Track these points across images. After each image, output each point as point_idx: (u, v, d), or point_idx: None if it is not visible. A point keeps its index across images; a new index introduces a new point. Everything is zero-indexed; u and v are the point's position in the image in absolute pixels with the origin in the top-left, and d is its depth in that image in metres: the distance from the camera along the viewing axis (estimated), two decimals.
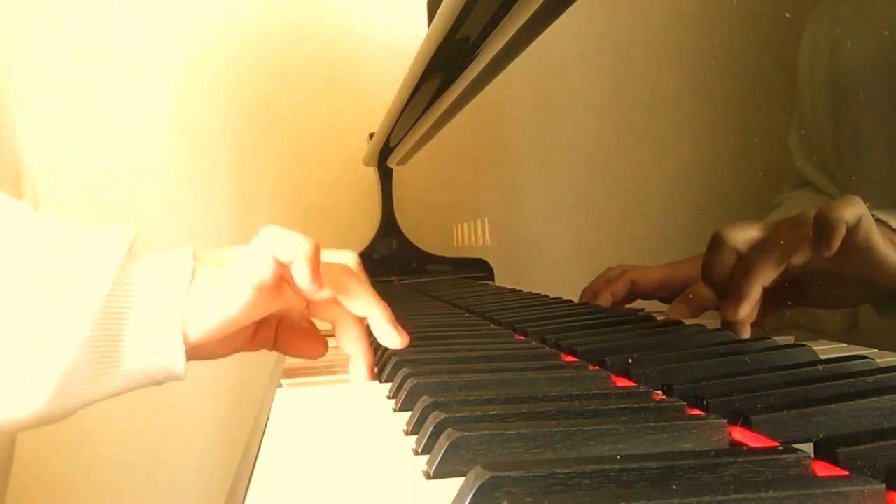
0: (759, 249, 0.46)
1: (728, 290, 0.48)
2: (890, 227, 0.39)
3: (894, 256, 0.39)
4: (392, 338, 0.54)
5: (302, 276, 0.49)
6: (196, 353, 0.50)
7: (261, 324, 0.56)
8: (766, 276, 0.45)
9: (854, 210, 0.39)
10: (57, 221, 0.48)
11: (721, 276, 0.49)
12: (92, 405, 0.48)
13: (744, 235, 0.47)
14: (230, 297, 0.49)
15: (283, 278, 0.51)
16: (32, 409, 0.45)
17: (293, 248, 0.49)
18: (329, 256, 0.56)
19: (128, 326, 0.47)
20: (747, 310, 0.46)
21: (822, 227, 0.40)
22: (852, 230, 0.39)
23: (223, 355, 0.55)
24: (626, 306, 0.70)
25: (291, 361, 0.67)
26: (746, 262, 0.46)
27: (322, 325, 0.60)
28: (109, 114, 1.67)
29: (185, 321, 0.48)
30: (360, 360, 0.55)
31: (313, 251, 0.49)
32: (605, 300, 0.71)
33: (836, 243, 0.40)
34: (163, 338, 0.48)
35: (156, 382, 0.50)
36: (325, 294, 0.52)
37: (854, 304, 0.43)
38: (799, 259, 0.43)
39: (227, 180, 1.72)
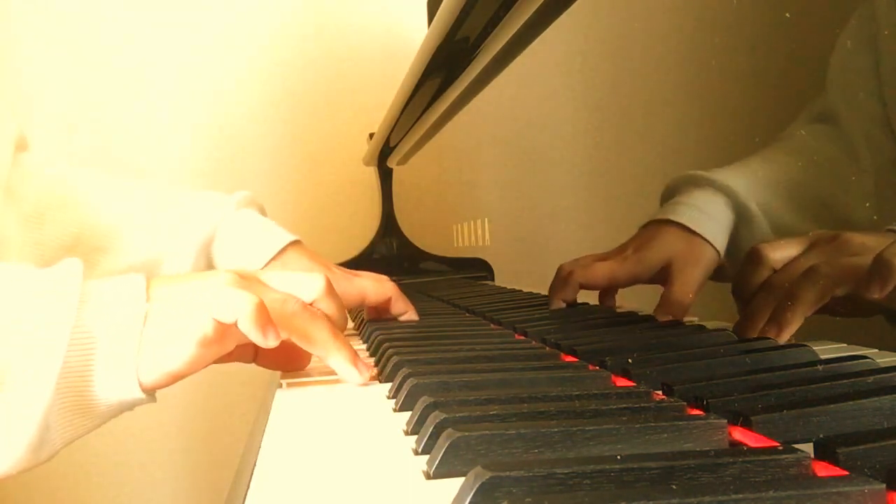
0: (808, 277, 0.44)
1: (770, 312, 0.47)
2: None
3: None
4: (353, 376, 0.52)
5: (253, 335, 0.48)
6: (158, 387, 0.51)
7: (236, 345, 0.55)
8: (812, 306, 0.44)
9: None
10: (4, 275, 0.48)
11: (753, 291, 0.48)
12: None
13: (782, 254, 0.46)
14: (174, 353, 0.49)
15: (227, 327, 0.50)
16: (10, 463, 0.46)
17: (233, 309, 0.48)
18: (295, 281, 0.55)
19: (87, 378, 0.48)
20: (788, 335, 0.46)
21: (883, 271, 0.39)
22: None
23: (196, 371, 0.54)
24: (623, 305, 0.70)
25: None
26: (795, 287, 0.45)
27: None
28: (108, 113, 1.67)
29: (138, 368, 0.48)
30: (339, 359, 0.53)
31: (255, 309, 0.48)
32: (557, 306, 0.72)
33: (891, 287, 0.39)
34: (122, 382, 0.48)
35: (128, 410, 0.51)
36: (275, 343, 0.51)
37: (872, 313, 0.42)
38: (845, 290, 0.43)
39: (227, 180, 1.72)
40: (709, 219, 0.54)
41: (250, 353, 0.57)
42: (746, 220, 0.49)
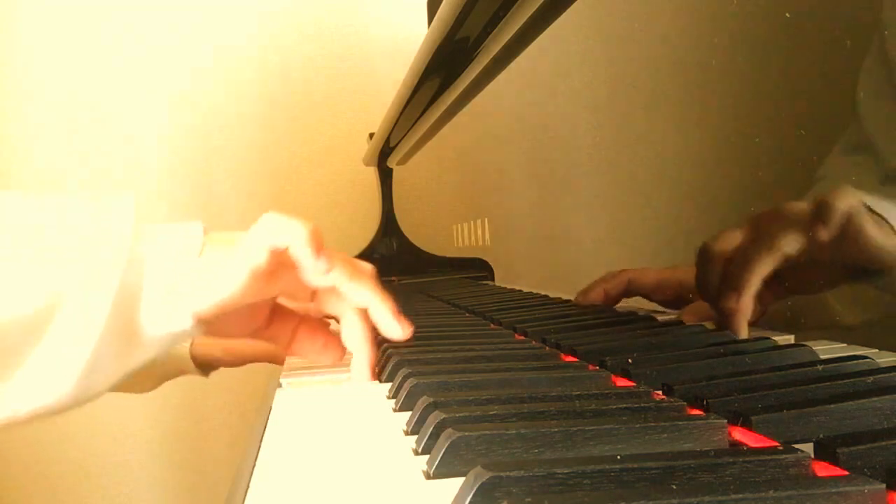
0: (749, 247, 0.46)
1: (724, 290, 0.48)
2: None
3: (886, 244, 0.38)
4: (393, 328, 0.54)
5: (304, 257, 0.50)
6: (210, 328, 0.52)
7: (277, 316, 0.58)
8: (761, 268, 0.45)
9: (846, 201, 0.39)
10: (59, 203, 0.50)
11: (714, 285, 0.49)
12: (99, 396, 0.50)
13: (727, 242, 0.47)
14: (226, 280, 0.51)
15: (282, 265, 0.52)
16: (59, 395, 0.47)
17: (289, 234, 0.50)
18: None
19: (142, 304, 0.49)
20: (747, 301, 0.46)
21: (821, 215, 0.40)
22: (846, 222, 0.39)
23: (238, 336, 0.57)
24: (623, 305, 0.70)
25: (291, 361, 0.67)
26: (739, 258, 0.46)
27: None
28: (109, 113, 1.67)
29: (192, 297, 0.50)
30: (362, 358, 0.55)
31: (311, 234, 0.51)
32: (597, 295, 0.72)
33: (829, 233, 0.39)
34: (174, 308, 0.50)
35: (172, 345, 0.52)
36: (329, 279, 0.53)
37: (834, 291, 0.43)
38: (789, 248, 0.43)
39: (227, 180, 1.72)
40: None
41: (287, 335, 0.59)
42: None
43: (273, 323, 0.58)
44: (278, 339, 0.59)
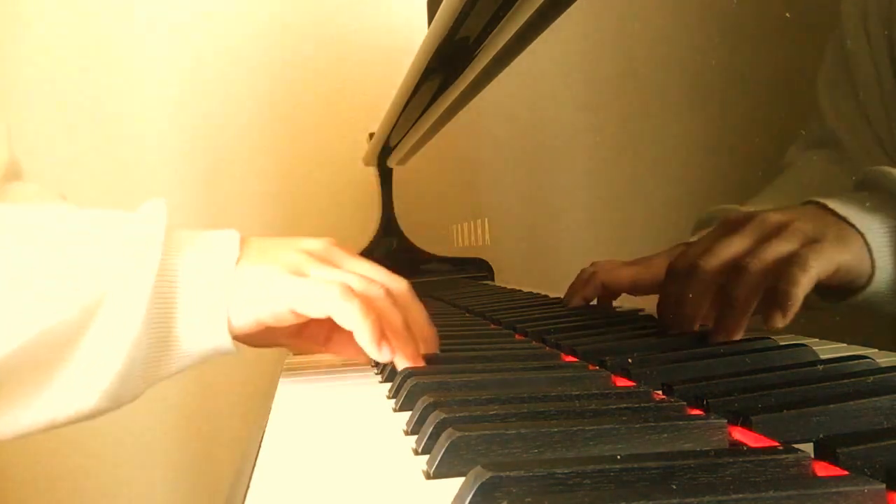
0: (740, 278, 0.45)
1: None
2: (835, 214, 0.38)
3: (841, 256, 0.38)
4: (374, 352, 0.52)
5: (369, 349, 0.50)
6: (242, 338, 0.53)
7: (311, 325, 0.57)
8: (750, 305, 0.45)
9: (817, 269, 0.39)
10: (89, 215, 0.51)
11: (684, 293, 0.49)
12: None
13: (702, 248, 0.47)
14: (266, 307, 0.51)
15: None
16: (96, 399, 0.48)
17: (355, 322, 0.50)
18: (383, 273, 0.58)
19: (177, 313, 0.50)
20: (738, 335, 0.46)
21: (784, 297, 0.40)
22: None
23: (269, 345, 0.58)
24: (625, 306, 0.70)
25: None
26: (730, 289, 0.45)
27: None
28: (107, 114, 1.67)
29: (230, 309, 0.51)
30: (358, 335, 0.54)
31: (374, 325, 0.50)
32: (578, 303, 0.72)
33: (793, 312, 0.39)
34: (210, 323, 0.50)
35: (206, 360, 0.53)
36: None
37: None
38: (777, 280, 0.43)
39: (226, 180, 1.72)
40: None
41: (322, 334, 0.59)
42: None
43: (309, 325, 0.57)
44: (314, 339, 0.59)
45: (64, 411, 0.48)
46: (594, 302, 0.71)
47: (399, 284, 0.58)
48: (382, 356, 0.52)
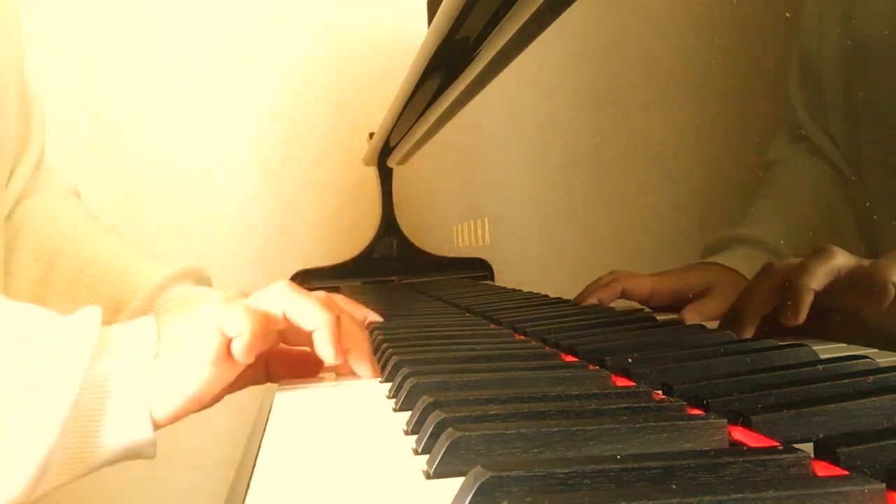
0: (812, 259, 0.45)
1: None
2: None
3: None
4: (329, 354, 0.53)
5: (240, 354, 0.49)
6: (169, 422, 0.50)
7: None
8: (816, 281, 0.45)
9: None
10: (23, 314, 0.48)
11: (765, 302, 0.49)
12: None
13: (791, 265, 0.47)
14: (190, 378, 0.49)
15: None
16: (7, 499, 0.45)
17: (237, 324, 0.49)
18: (259, 297, 0.55)
19: (95, 423, 0.48)
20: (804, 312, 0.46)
21: (876, 287, 0.40)
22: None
23: (206, 407, 0.54)
24: (623, 305, 0.70)
25: None
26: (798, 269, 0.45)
27: None
28: (107, 114, 1.67)
29: (151, 406, 0.48)
30: (317, 334, 0.54)
31: (257, 326, 0.49)
32: (592, 302, 0.72)
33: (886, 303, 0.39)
34: (131, 429, 0.48)
35: (124, 460, 0.50)
36: (274, 341, 0.53)
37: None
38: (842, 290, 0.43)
39: (226, 180, 1.72)
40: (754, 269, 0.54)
41: (262, 372, 0.58)
42: None
43: (241, 375, 0.54)
44: (255, 380, 0.58)
45: None
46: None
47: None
48: (338, 357, 0.53)
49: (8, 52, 0.74)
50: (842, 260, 0.42)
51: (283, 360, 0.59)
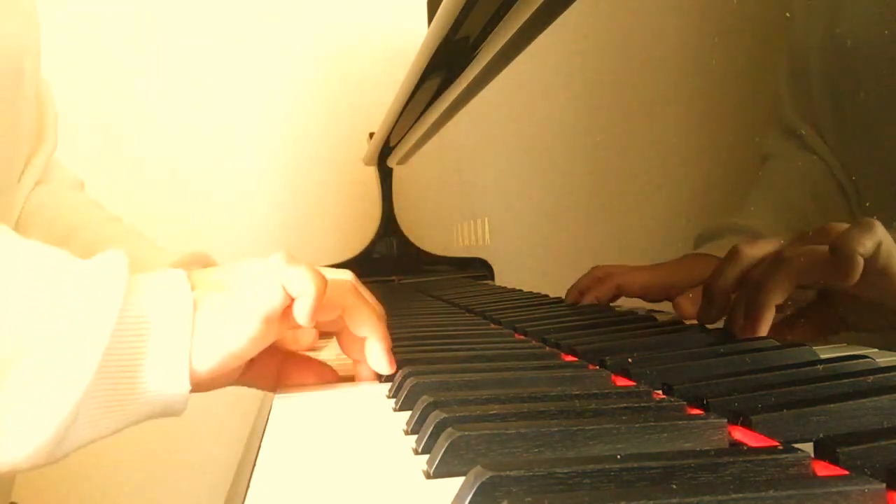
0: (773, 268, 0.45)
1: (736, 304, 0.48)
2: None
3: None
4: (383, 366, 0.52)
5: (302, 314, 0.47)
6: (197, 387, 0.48)
7: (257, 358, 0.53)
8: (777, 296, 0.45)
9: (872, 238, 0.38)
10: (49, 254, 0.45)
11: (728, 287, 0.49)
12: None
13: (759, 251, 0.47)
14: (238, 331, 0.47)
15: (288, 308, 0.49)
16: (29, 452, 0.42)
17: (303, 284, 0.47)
18: (328, 275, 0.54)
19: (131, 369, 0.45)
20: (763, 328, 0.46)
21: (840, 259, 0.39)
22: (871, 259, 0.38)
23: (221, 386, 0.52)
24: (623, 305, 0.70)
25: None
26: (759, 278, 0.46)
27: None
28: (107, 113, 1.67)
29: (191, 357, 0.46)
30: (375, 343, 0.53)
31: (321, 290, 0.48)
32: (588, 301, 0.71)
33: (855, 276, 0.38)
34: (168, 378, 0.46)
35: (152, 418, 0.48)
36: (330, 317, 0.52)
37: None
38: (812, 281, 0.43)
39: (226, 180, 1.72)
40: None
41: (272, 375, 0.56)
42: None
43: (252, 366, 0.54)
44: (259, 383, 0.56)
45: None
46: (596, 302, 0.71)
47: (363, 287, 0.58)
48: (390, 368, 0.52)
49: (27, 42, 0.73)
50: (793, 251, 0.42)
51: (297, 372, 0.56)
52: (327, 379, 0.56)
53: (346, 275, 0.59)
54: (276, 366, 0.55)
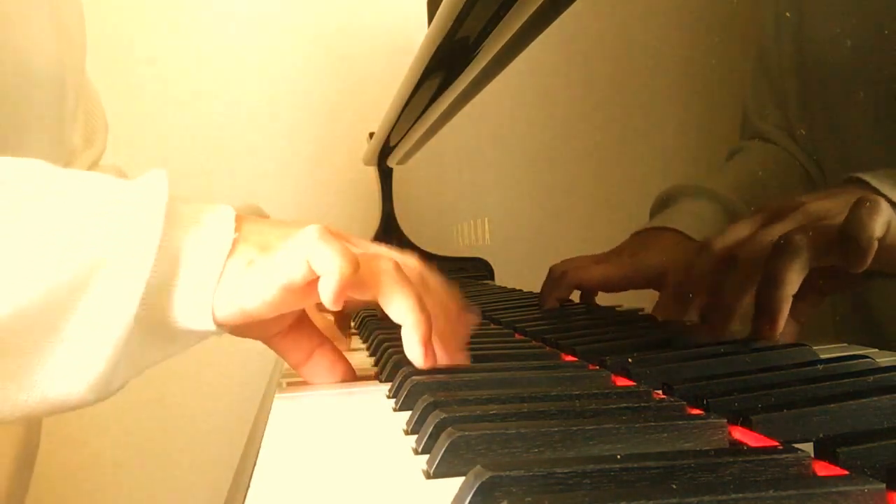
0: (784, 252, 0.42)
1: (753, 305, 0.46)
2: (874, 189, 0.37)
3: None
4: (416, 356, 0.48)
5: (326, 294, 0.46)
6: (223, 329, 0.49)
7: (297, 330, 0.54)
8: (791, 286, 0.43)
9: (881, 219, 0.37)
10: (89, 182, 0.47)
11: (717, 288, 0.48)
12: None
13: (738, 236, 0.46)
14: (255, 292, 0.47)
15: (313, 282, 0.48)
16: (82, 389, 0.44)
17: (330, 263, 0.46)
18: (395, 256, 0.54)
19: (175, 293, 0.46)
20: (782, 322, 0.44)
21: (853, 245, 0.37)
22: (882, 239, 0.37)
23: (254, 338, 0.54)
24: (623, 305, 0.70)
25: None
26: (768, 272, 0.43)
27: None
28: (107, 112, 1.67)
29: (214, 298, 0.47)
30: (406, 331, 0.49)
31: (348, 271, 0.46)
32: (552, 305, 0.72)
33: (869, 259, 0.37)
34: (196, 309, 0.47)
35: (188, 348, 0.50)
36: (363, 298, 0.49)
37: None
38: (822, 265, 0.42)
39: (226, 180, 1.72)
40: (705, 226, 0.53)
41: (303, 352, 0.55)
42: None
43: (291, 334, 0.54)
44: (290, 354, 0.55)
45: (50, 398, 0.44)
46: (580, 299, 0.72)
47: (434, 274, 0.55)
48: (426, 361, 0.48)
49: (69, 60, 0.75)
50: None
51: (326, 365, 0.55)
52: (348, 379, 0.56)
53: (410, 260, 0.56)
54: (310, 347, 0.55)
